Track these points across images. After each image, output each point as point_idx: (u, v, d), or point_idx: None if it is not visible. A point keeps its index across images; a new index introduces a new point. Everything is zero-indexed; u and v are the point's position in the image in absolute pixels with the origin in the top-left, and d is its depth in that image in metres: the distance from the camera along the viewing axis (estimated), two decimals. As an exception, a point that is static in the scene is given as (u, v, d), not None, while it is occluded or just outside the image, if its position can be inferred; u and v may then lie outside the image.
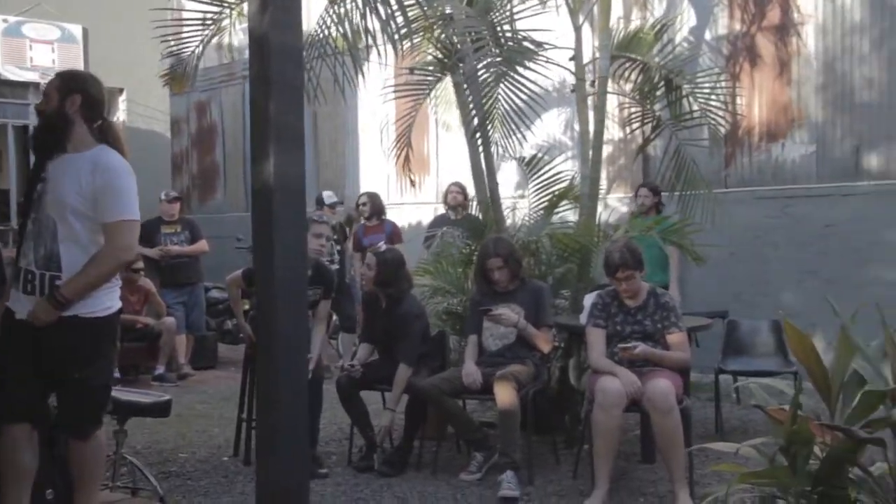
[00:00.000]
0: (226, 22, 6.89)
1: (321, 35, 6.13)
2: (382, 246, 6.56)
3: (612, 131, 9.64)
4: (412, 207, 11.30)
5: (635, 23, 9.17)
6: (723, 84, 8.62)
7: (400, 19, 5.70)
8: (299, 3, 3.22)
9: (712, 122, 7.70)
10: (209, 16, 7.00)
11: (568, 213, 7.43)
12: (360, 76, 6.34)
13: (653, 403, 4.91)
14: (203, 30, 7.02)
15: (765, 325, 6.97)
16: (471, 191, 7.83)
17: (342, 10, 5.81)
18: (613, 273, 5.26)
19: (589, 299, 5.62)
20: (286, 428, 3.05)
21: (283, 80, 3.12)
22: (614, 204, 9.66)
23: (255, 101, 3.16)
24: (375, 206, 9.45)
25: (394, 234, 9.23)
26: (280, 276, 3.03)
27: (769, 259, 8.76)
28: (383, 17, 5.56)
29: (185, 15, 7.86)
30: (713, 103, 7.77)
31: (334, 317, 9.09)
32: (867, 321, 3.13)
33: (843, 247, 8.28)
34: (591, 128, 7.24)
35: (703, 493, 4.64)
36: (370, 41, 5.79)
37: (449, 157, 11.17)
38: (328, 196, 9.87)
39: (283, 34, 3.13)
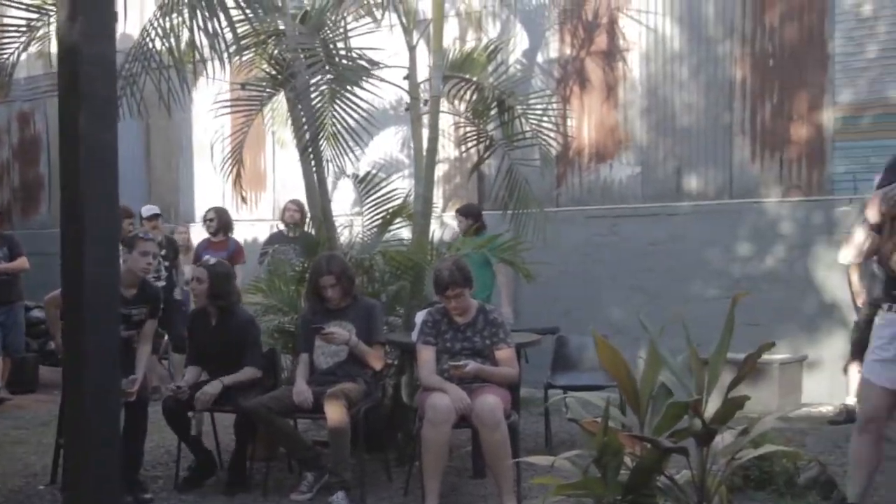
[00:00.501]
0: (43, 30, 6.60)
1: (146, 48, 5.96)
2: (211, 259, 6.42)
3: (448, 150, 9.78)
4: (248, 225, 11.11)
5: (470, 43, 9.35)
6: (554, 106, 8.89)
7: (229, 35, 5.60)
8: (112, 13, 3.12)
9: (544, 142, 7.91)
10: (28, 23, 6.70)
11: (402, 231, 7.48)
12: (189, 90, 6.20)
13: (481, 419, 4.99)
14: (20, 37, 6.71)
15: (592, 340, 7.16)
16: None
17: (168, 23, 5.66)
18: (443, 291, 5.32)
19: (420, 317, 5.67)
20: (94, 454, 2.93)
21: (94, 93, 3.01)
22: (450, 222, 9.78)
23: (64, 115, 3.03)
24: (223, 221, 9.21)
25: (236, 252, 9.06)
26: (88, 295, 2.92)
27: (598, 276, 9.07)
28: (211, 32, 5.45)
29: (5, 21, 7.51)
30: (545, 124, 8.00)
31: (165, 337, 8.83)
32: (680, 336, 3.28)
33: (666, 264, 8.67)
34: (425, 146, 7.32)
35: (524, 505, 4.74)
36: (199, 56, 5.67)
37: (285, 174, 11.06)
38: (147, 209, 9.56)
39: (94, 44, 3.02)
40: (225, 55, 5.57)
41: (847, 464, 5.75)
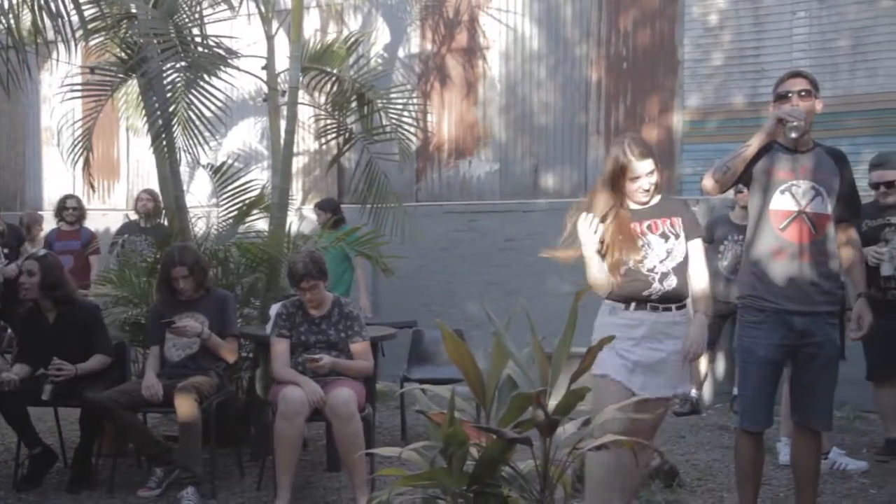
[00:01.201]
0: None
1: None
2: (41, 251, 6.19)
3: (308, 142, 9.71)
4: (100, 214, 10.74)
5: (331, 35, 9.30)
6: (414, 101, 8.94)
7: (75, 17, 5.39)
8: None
9: (403, 137, 7.94)
10: None
11: (259, 223, 7.38)
12: (31, 73, 5.93)
13: (334, 411, 4.98)
14: None
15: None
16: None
17: (7, 2, 5.39)
18: (298, 283, 5.29)
19: (274, 309, 5.61)
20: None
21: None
22: (309, 215, 9.71)
23: None
24: (82, 209, 8.95)
25: (90, 241, 8.77)
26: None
27: (456, 271, 9.17)
28: (55, 13, 5.22)
29: None
30: (405, 119, 8.02)
31: (8, 329, 8.44)
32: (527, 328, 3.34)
33: (522, 260, 8.83)
34: (283, 138, 7.24)
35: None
36: (42, 38, 5.42)
37: (139, 163, 10.75)
38: None
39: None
40: (71, 38, 5.35)
41: (689, 453, 6.03)
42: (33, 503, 5.25)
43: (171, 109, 5.96)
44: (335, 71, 7.79)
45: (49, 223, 9.44)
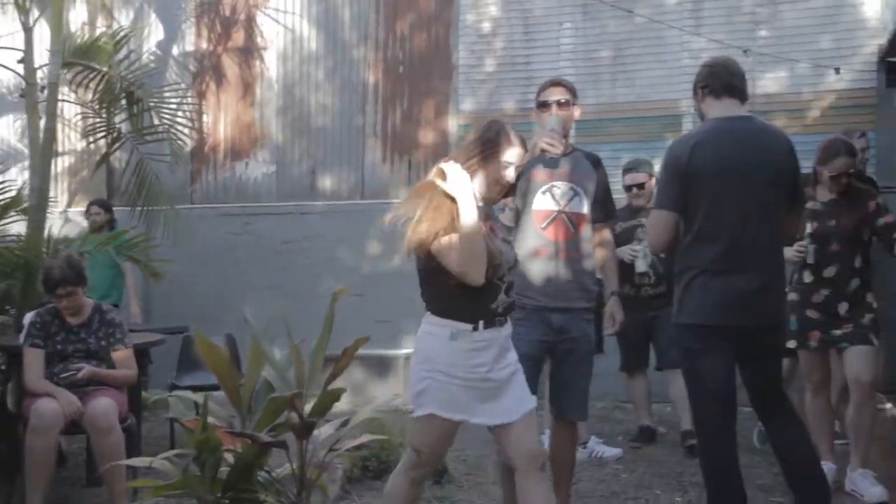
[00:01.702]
0: None
1: None
2: None
3: (74, 141, 9.22)
4: None
5: (101, 29, 8.88)
6: (188, 101, 8.67)
7: None
8: None
9: (175, 137, 7.68)
10: None
11: (17, 226, 6.92)
12: None
13: (93, 423, 4.73)
14: None
15: (220, 340, 7.08)
16: None
17: None
18: (53, 290, 4.99)
19: (28, 318, 5.27)
20: None
21: None
22: (76, 218, 9.22)
23: None
24: None
25: None
26: None
27: (233, 274, 8.96)
28: None
29: None
30: (178, 119, 7.77)
31: None
32: (305, 331, 3.28)
33: (300, 262, 8.76)
34: (42, 136, 6.84)
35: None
36: None
37: None
38: None
39: None
40: None
41: (459, 449, 6.14)
42: None
43: None
44: (103, 67, 7.44)
45: None
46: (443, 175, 3.27)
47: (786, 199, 3.80)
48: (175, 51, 9.36)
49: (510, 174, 3.39)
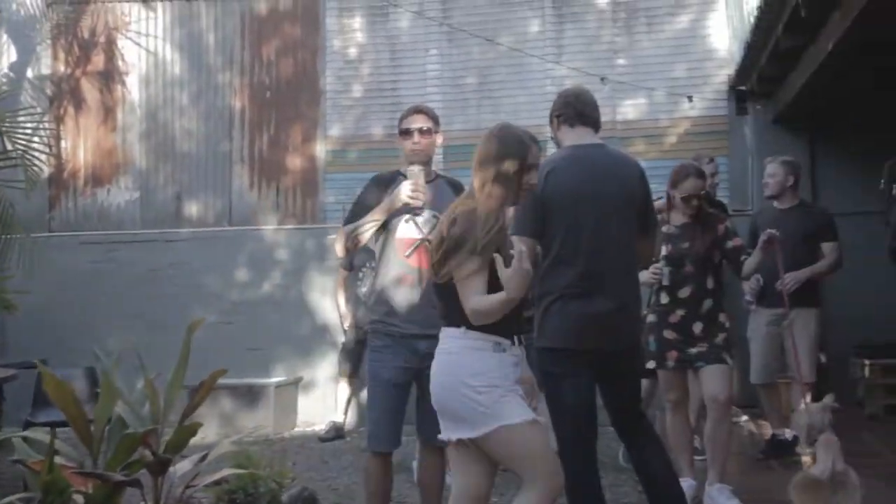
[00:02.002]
0: None
1: None
2: None
3: (-79, 168, 8.73)
4: None
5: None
6: (45, 125, 8.35)
7: None
8: None
9: (30, 163, 7.38)
10: None
11: None
12: None
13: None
14: None
15: (80, 372, 6.80)
16: None
17: None
18: None
19: None
20: None
21: None
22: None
23: None
24: None
25: None
26: None
27: (95, 304, 8.62)
28: None
29: None
30: (34, 144, 7.47)
31: None
32: (167, 362, 3.15)
33: (166, 290, 8.50)
34: None
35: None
36: None
37: None
38: None
39: None
40: None
41: (331, 478, 6.06)
42: None
43: None
44: (-51, 90, 7.10)
45: None
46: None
47: (638, 224, 3.91)
48: (30, 73, 9.00)
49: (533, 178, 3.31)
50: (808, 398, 5.84)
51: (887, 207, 4.19)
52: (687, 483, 4.56)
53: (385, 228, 4.19)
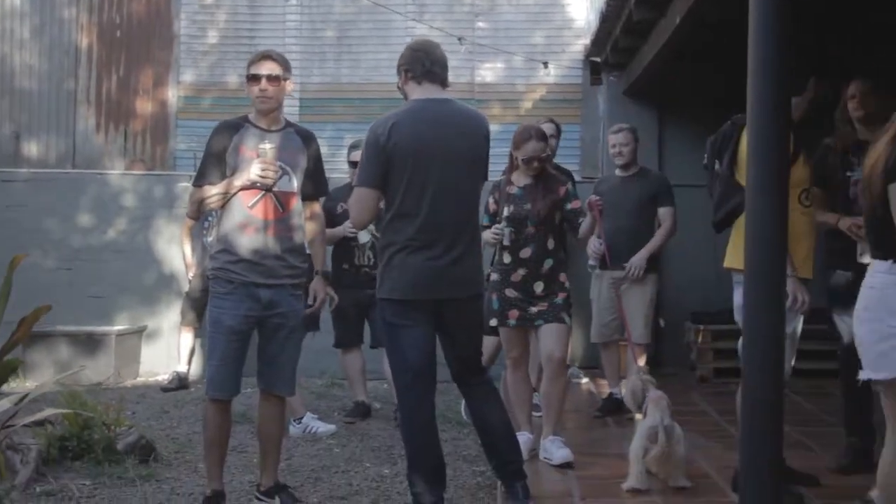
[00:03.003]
0: None
1: None
2: None
3: None
4: None
5: None
6: None
7: None
8: None
9: None
10: None
11: None
12: None
13: None
14: None
15: None
16: None
17: None
18: None
19: None
20: None
21: None
22: None
23: None
24: None
25: None
26: None
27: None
28: None
29: None
30: None
31: None
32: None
33: (3, 233, 8.08)
34: None
35: None
36: None
37: None
38: None
39: None
40: None
41: (171, 427, 5.95)
42: None
43: None
44: None
45: None
46: None
47: (480, 179, 3.99)
48: None
49: None
50: (643, 360, 6.12)
51: (709, 182, 4.38)
52: (524, 437, 4.68)
53: (230, 176, 4.12)
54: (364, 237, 5.97)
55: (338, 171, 7.44)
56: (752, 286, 2.73)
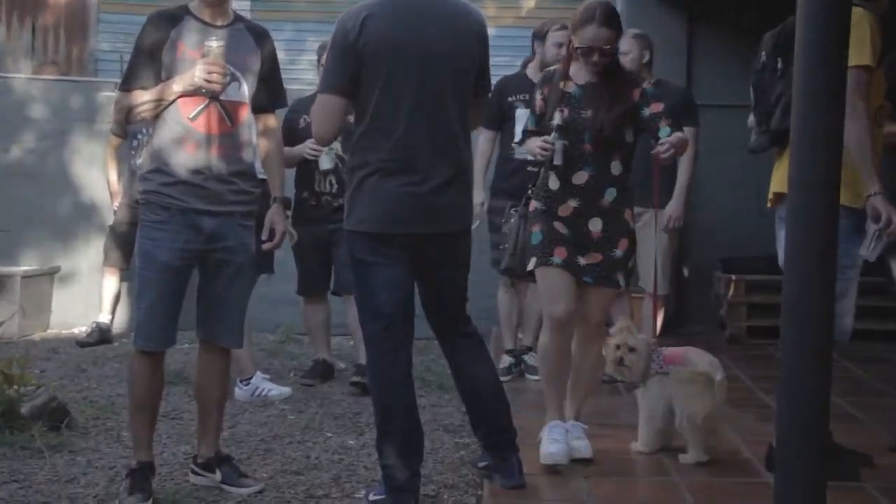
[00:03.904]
0: None
1: None
2: None
3: None
4: None
5: None
6: None
7: None
8: None
9: None
10: None
11: None
12: None
13: None
14: None
15: None
16: None
17: None
18: None
19: None
20: None
21: None
22: None
23: None
24: None
25: None
26: None
27: None
28: None
29: None
30: None
31: None
32: None
33: None
34: None
35: None
36: None
37: None
38: None
39: None
40: None
41: (89, 388, 5.98)
42: None
43: None
44: None
45: None
46: None
47: (471, 87, 3.93)
48: None
49: None
50: (660, 319, 6.17)
51: (757, 82, 4.30)
52: (558, 428, 4.38)
53: (167, 78, 4.09)
54: (326, 162, 5.94)
55: (298, 81, 7.40)
56: (796, 217, 2.72)
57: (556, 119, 4.30)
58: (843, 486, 3.80)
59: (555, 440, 4.31)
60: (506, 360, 6.18)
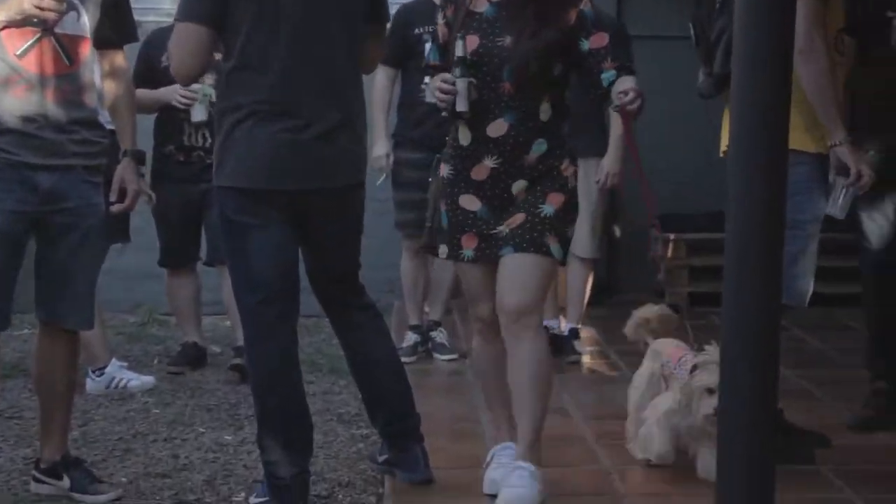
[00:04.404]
0: None
1: None
2: None
3: None
4: None
5: None
6: None
7: None
8: None
9: None
10: None
11: None
12: None
13: None
14: None
15: None
16: None
17: None
18: None
19: None
20: None
21: None
22: None
23: None
24: None
25: None
26: None
27: None
28: None
29: None
30: None
31: None
32: None
33: None
34: None
35: None
36: None
37: None
38: None
39: None
40: None
41: None
42: None
43: None
44: None
45: None
46: None
47: (364, 13, 3.88)
48: None
49: None
50: (589, 281, 6.17)
51: (695, 16, 4.26)
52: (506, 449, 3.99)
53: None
54: (199, 113, 5.80)
55: (155, 11, 7.23)
56: (738, 169, 2.68)
57: (459, 50, 3.75)
58: (797, 469, 3.84)
59: (501, 465, 3.93)
60: (410, 338, 6.16)
